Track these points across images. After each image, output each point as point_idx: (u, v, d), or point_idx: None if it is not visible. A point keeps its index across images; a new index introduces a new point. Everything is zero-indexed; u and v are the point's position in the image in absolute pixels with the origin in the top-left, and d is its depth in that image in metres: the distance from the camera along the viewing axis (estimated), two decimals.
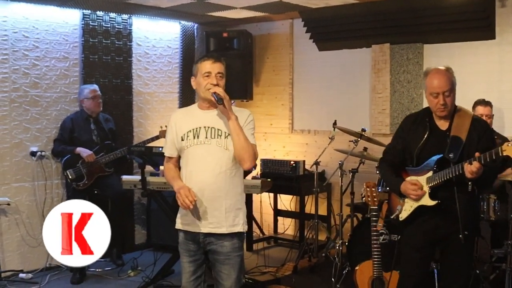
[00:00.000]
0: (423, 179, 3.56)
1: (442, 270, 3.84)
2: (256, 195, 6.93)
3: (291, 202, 7.30)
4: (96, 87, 6.14)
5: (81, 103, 6.12)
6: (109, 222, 6.26)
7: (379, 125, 6.53)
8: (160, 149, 4.56)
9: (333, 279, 5.33)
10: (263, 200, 7.49)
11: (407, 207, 3.66)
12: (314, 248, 6.15)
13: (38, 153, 5.95)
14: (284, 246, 6.94)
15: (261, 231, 7.40)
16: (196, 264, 3.49)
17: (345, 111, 6.81)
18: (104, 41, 6.52)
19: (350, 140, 5.82)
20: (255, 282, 5.39)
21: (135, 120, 6.95)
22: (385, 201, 4.21)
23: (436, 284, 4.44)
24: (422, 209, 3.58)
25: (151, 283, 5.47)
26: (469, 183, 3.35)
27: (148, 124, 7.05)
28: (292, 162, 6.67)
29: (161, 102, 7.22)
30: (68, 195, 6.06)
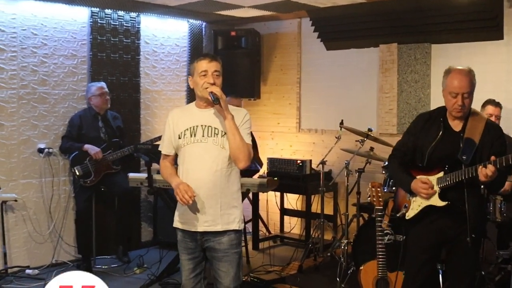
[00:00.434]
0: (434, 179, 3.54)
1: (448, 271, 3.82)
2: (263, 194, 6.94)
3: (298, 201, 7.29)
4: (104, 84, 6.17)
5: (89, 101, 6.14)
6: (116, 220, 6.37)
7: (386, 125, 6.52)
8: None
9: (338, 279, 5.33)
10: (270, 199, 7.49)
11: (415, 206, 3.64)
12: (320, 248, 6.15)
13: (46, 150, 5.98)
14: (290, 245, 6.93)
15: (267, 230, 7.41)
16: (195, 262, 3.52)
17: (352, 111, 6.79)
18: (112, 39, 6.55)
19: (357, 140, 5.80)
20: (260, 281, 5.39)
21: (143, 118, 6.96)
22: (391, 199, 4.19)
23: (441, 285, 4.42)
24: (430, 209, 3.56)
25: (157, 281, 5.49)
26: (482, 186, 3.34)
27: (156, 122, 7.06)
28: (299, 161, 6.66)
29: (169, 100, 7.23)
30: (75, 192, 6.10)
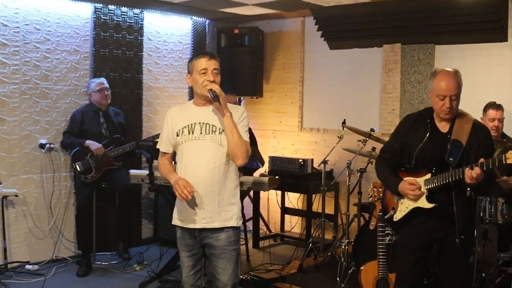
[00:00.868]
0: (421, 181, 3.55)
1: (440, 274, 3.82)
2: (264, 193, 6.92)
3: (299, 200, 7.29)
4: (103, 80, 6.15)
5: (90, 97, 6.14)
6: (116, 216, 6.37)
7: (388, 125, 6.51)
8: None
9: (338, 279, 5.32)
10: (271, 198, 7.49)
11: (403, 208, 3.65)
12: (320, 247, 6.14)
13: (47, 146, 5.97)
14: (290, 244, 6.93)
15: (268, 229, 7.40)
16: (195, 259, 3.54)
17: (355, 111, 6.79)
18: (115, 35, 6.53)
19: (359, 140, 5.79)
20: (260, 280, 5.39)
21: (145, 115, 6.96)
22: (379, 201, 4.19)
23: None
24: (418, 211, 3.57)
25: (157, 278, 5.48)
26: (468, 189, 3.34)
27: (157, 119, 7.05)
28: (301, 160, 6.65)
29: (171, 97, 7.22)
30: (76, 188, 6.09)
